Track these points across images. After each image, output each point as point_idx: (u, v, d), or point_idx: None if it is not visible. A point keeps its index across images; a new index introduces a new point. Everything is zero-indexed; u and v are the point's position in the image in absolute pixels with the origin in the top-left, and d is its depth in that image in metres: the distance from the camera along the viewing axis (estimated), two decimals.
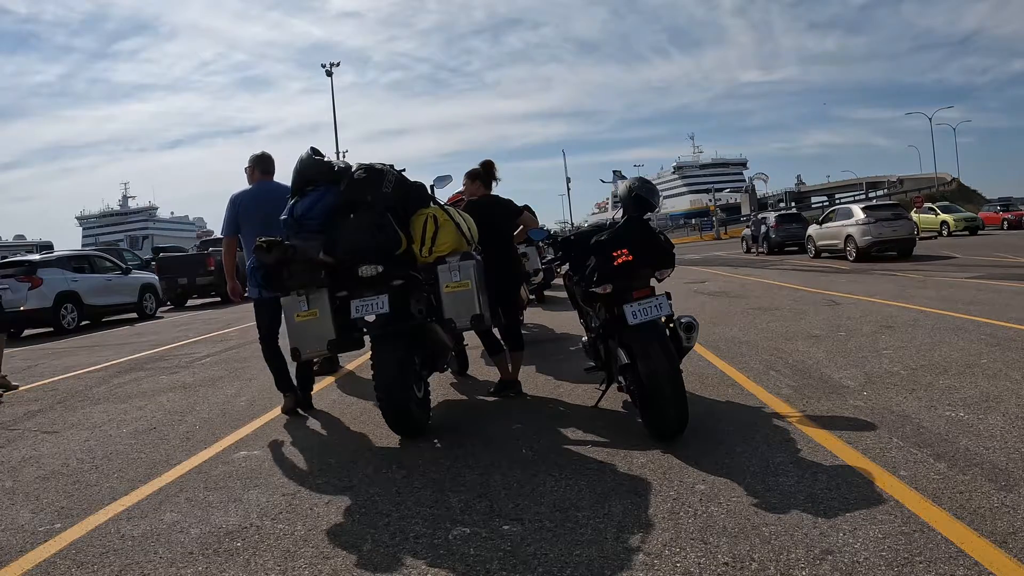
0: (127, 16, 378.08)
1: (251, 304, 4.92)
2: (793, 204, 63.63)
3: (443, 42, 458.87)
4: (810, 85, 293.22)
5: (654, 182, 4.23)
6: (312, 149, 4.25)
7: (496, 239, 4.82)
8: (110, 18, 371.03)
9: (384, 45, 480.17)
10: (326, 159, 4.24)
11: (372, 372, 3.88)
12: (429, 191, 4.46)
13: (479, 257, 4.31)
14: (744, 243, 26.18)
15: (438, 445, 3.89)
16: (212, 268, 17.82)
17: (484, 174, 5.08)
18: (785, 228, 22.83)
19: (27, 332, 13.48)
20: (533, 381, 5.32)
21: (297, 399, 4.91)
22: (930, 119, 61.44)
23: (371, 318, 3.99)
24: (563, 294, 7.06)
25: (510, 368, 4.98)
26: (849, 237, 16.47)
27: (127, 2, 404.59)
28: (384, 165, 4.16)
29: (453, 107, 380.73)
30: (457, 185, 5.26)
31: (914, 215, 23.96)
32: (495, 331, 5.03)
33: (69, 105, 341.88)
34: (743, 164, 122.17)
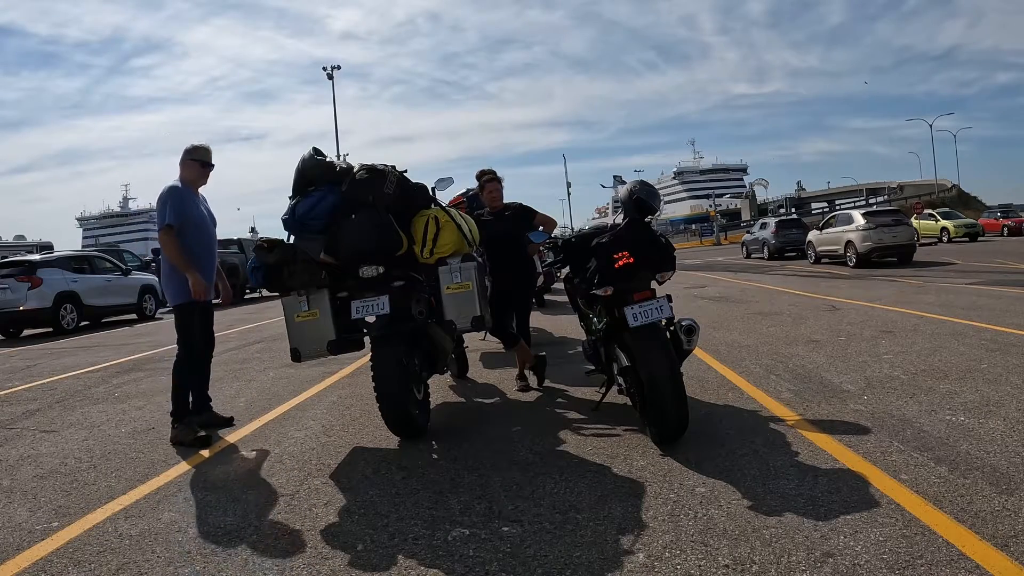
0: (142, 37, 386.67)
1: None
2: (793, 210, 63.54)
3: (440, 59, 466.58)
4: (802, 97, 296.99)
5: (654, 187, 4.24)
6: (314, 149, 4.25)
7: None
8: (127, 40, 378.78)
9: (386, 61, 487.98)
10: (328, 159, 4.24)
11: (372, 373, 3.87)
12: (431, 192, 4.47)
13: (480, 259, 4.30)
14: (744, 248, 26.19)
15: (437, 447, 3.88)
16: None
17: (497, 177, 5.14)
18: (785, 234, 22.85)
19: (26, 332, 13.48)
20: (532, 383, 5.31)
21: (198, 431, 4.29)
22: (930, 125, 61.70)
23: (371, 319, 3.98)
24: (563, 298, 7.06)
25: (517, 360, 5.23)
26: (849, 243, 16.47)
27: (142, 25, 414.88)
28: (386, 166, 4.16)
29: (457, 116, 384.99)
30: (458, 187, 5.28)
31: (914, 221, 23.91)
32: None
33: (84, 115, 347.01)
34: (743, 170, 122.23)
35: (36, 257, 14.50)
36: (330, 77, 37.78)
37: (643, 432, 3.73)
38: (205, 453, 4.06)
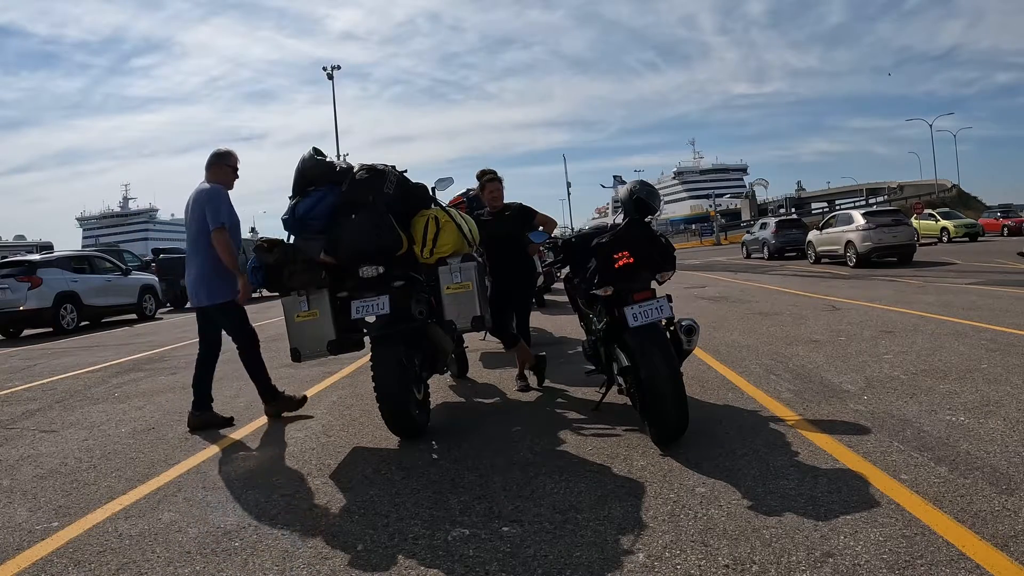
0: (142, 37, 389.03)
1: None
2: (793, 210, 63.51)
3: (440, 59, 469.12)
4: (802, 97, 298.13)
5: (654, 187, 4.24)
6: (314, 149, 4.25)
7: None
8: (127, 40, 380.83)
9: (386, 61, 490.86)
10: (328, 159, 4.24)
11: (372, 373, 3.87)
12: (431, 192, 4.47)
13: (480, 259, 4.30)
14: (744, 248, 26.20)
15: (437, 447, 3.88)
16: None
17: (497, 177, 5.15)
18: (785, 234, 22.86)
19: (26, 332, 13.48)
20: (532, 383, 5.31)
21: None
22: (930, 125, 61.76)
23: (371, 319, 3.98)
24: (563, 298, 7.06)
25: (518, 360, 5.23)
26: (849, 243, 16.48)
27: (142, 25, 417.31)
28: (386, 166, 4.16)
29: (456, 115, 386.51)
30: (458, 187, 5.28)
31: (914, 221, 23.93)
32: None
33: (84, 115, 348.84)
34: (743, 170, 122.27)
35: (36, 257, 14.50)
36: (330, 77, 37.81)
37: (643, 432, 3.73)
38: (210, 451, 4.06)
